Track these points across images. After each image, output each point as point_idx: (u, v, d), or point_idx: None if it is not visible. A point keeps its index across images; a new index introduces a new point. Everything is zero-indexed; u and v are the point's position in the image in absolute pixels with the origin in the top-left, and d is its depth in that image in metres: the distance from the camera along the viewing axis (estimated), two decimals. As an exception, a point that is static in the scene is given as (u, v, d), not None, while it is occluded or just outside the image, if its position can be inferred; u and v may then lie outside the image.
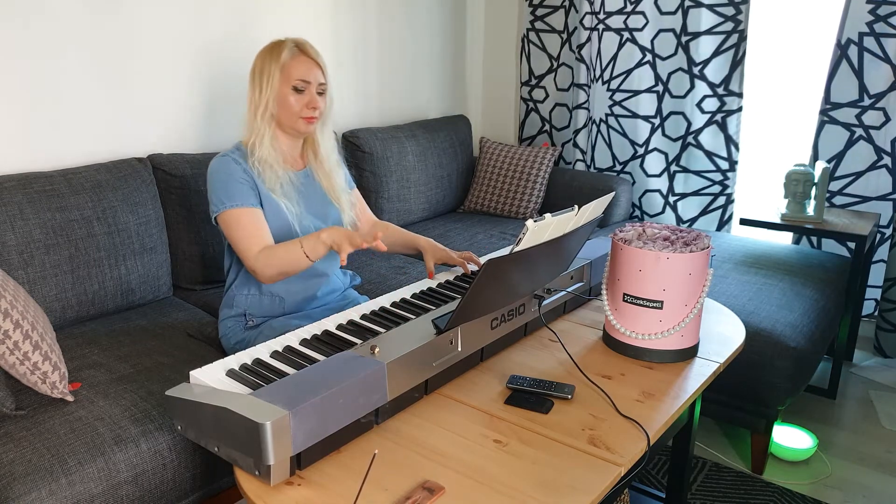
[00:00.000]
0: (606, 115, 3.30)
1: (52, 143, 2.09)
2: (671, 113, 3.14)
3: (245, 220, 1.64)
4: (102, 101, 2.18)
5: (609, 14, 3.18)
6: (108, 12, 2.14)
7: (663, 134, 3.18)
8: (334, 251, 1.88)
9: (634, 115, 3.22)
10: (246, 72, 2.56)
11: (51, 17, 2.02)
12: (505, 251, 1.81)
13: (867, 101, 2.69)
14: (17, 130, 2.02)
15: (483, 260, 1.81)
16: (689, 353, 1.46)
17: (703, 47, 3.00)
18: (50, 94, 2.06)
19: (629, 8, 3.12)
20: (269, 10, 2.60)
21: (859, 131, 2.73)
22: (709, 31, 2.97)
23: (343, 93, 2.99)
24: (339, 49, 2.91)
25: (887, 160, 2.70)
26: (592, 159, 3.41)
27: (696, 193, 3.18)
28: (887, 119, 2.67)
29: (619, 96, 3.24)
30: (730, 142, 3.04)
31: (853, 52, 2.68)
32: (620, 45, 3.18)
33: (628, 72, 3.19)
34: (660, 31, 3.07)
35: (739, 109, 2.99)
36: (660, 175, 3.23)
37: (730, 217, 3.15)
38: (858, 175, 2.77)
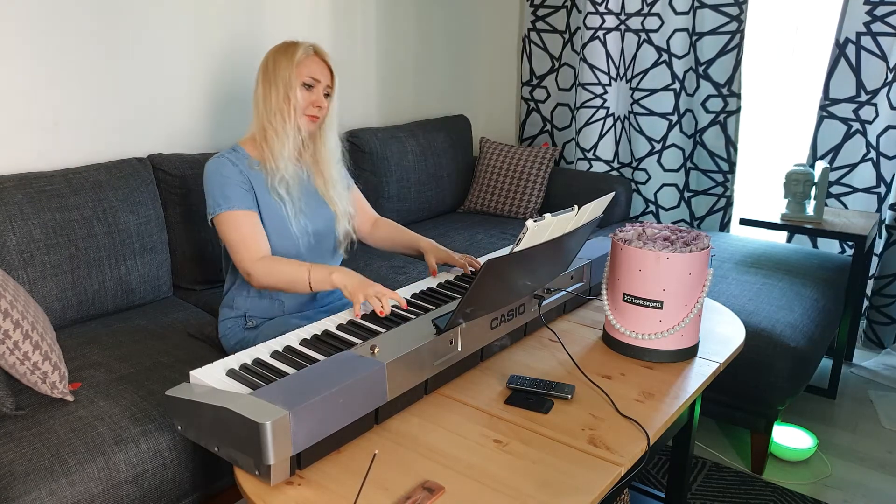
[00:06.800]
0: (628, 112, 3.31)
1: (52, 143, 2.09)
2: (687, 110, 3.16)
3: (242, 222, 1.64)
4: (102, 101, 2.18)
5: (629, 15, 3.20)
6: (109, 13, 2.14)
7: (680, 130, 3.20)
8: (340, 253, 1.88)
9: (652, 113, 3.23)
10: (246, 72, 2.56)
11: (51, 17, 2.02)
12: (505, 251, 1.81)
13: (864, 97, 2.72)
14: (17, 130, 2.02)
15: (483, 260, 1.81)
16: (689, 353, 1.46)
17: (708, 47, 3.00)
18: (50, 94, 2.06)
19: (646, 10, 3.14)
20: (270, 9, 2.60)
21: (856, 125, 2.76)
22: (713, 32, 2.98)
23: (344, 93, 2.99)
24: (340, 49, 2.91)
25: (873, 154, 2.72)
26: (616, 154, 3.43)
27: (705, 192, 3.19)
28: (877, 114, 2.69)
29: (636, 95, 3.27)
30: (729, 143, 3.05)
31: (851, 50, 2.70)
32: (639, 46, 3.20)
33: (645, 71, 3.22)
34: (675, 30, 3.09)
35: (738, 110, 2.99)
36: (677, 170, 3.25)
37: (728, 220, 3.16)
38: (852, 167, 2.80)
